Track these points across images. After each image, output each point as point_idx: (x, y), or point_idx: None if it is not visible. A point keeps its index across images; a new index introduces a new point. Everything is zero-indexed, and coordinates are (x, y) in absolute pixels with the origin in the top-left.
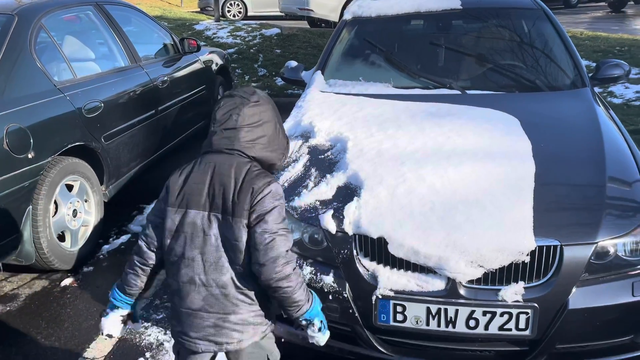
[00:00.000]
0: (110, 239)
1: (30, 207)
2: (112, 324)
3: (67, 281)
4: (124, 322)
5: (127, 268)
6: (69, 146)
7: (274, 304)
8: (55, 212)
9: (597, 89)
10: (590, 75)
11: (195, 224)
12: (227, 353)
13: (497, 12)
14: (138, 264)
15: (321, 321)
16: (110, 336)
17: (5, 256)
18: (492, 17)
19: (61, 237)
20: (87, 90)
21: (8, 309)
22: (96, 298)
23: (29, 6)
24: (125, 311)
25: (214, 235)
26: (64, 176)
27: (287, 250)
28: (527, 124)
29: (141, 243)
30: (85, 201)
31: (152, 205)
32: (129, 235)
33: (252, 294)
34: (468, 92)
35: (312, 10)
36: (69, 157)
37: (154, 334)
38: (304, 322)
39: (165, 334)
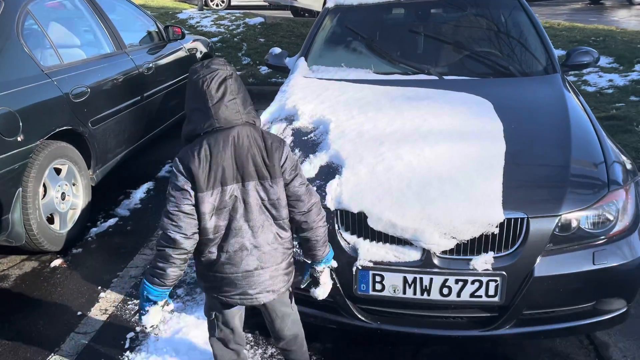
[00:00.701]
0: (98, 222)
1: (20, 189)
2: (155, 315)
3: (57, 262)
4: (163, 307)
5: (160, 263)
6: (57, 130)
7: None
8: (44, 195)
9: (572, 78)
10: (561, 62)
11: (235, 197)
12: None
13: (475, 1)
14: (176, 257)
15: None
16: (153, 327)
17: None
18: (470, 6)
19: (50, 220)
20: (73, 75)
21: (0, 287)
22: (85, 278)
23: None
24: (162, 301)
25: (254, 202)
26: (52, 160)
27: None
28: (499, 107)
29: (175, 236)
30: (73, 185)
31: (139, 190)
32: (116, 219)
33: (290, 241)
34: (445, 77)
35: (295, 0)
36: (57, 141)
37: None
38: (321, 267)
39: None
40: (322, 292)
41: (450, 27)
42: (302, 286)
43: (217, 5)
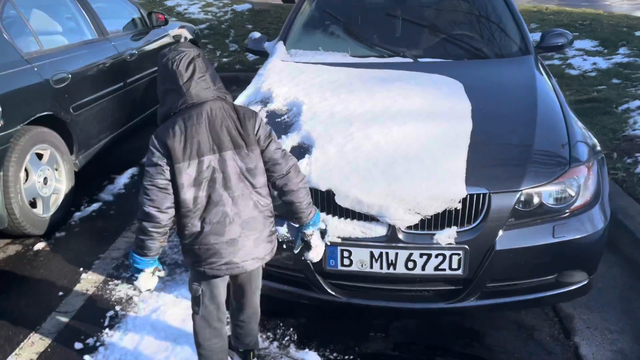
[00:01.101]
0: (82, 207)
1: (1, 173)
2: (146, 281)
3: (40, 245)
4: (153, 274)
5: (140, 236)
6: (38, 115)
7: None
8: (26, 180)
9: (557, 62)
10: (537, 45)
11: (213, 167)
12: (237, 275)
13: None
14: (153, 230)
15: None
16: (149, 290)
17: None
18: None
19: (33, 204)
20: (54, 61)
21: None
22: (68, 260)
23: None
24: (151, 268)
25: (232, 171)
26: (34, 145)
27: None
28: (470, 87)
29: (149, 210)
30: (56, 170)
31: (123, 176)
32: (100, 203)
33: (270, 210)
34: (420, 60)
35: None
36: (38, 127)
37: (123, 290)
38: (310, 230)
39: (134, 290)
40: (314, 255)
41: (427, 11)
42: (295, 251)
43: None
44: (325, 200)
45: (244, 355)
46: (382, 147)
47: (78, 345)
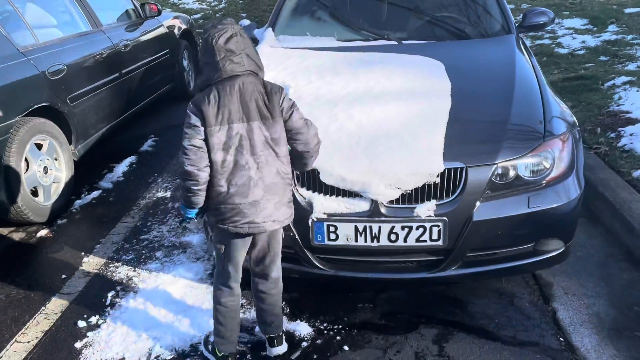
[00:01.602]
0: (82, 195)
1: (2, 163)
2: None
3: (43, 232)
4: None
5: (185, 193)
6: (35, 106)
7: None
8: (27, 169)
9: (547, 41)
10: (518, 24)
11: (241, 135)
12: (259, 235)
13: None
14: (194, 188)
15: None
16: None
17: None
18: None
19: (35, 193)
20: (50, 54)
21: None
22: (70, 245)
23: None
24: (196, 216)
25: (258, 139)
26: (33, 135)
27: None
28: (450, 67)
29: (189, 169)
30: (55, 159)
31: (122, 164)
32: (99, 191)
33: (290, 177)
34: (404, 42)
35: None
36: (36, 118)
37: (123, 271)
38: None
39: (134, 271)
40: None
41: None
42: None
43: None
44: (310, 179)
45: (270, 341)
46: (365, 127)
47: (81, 324)
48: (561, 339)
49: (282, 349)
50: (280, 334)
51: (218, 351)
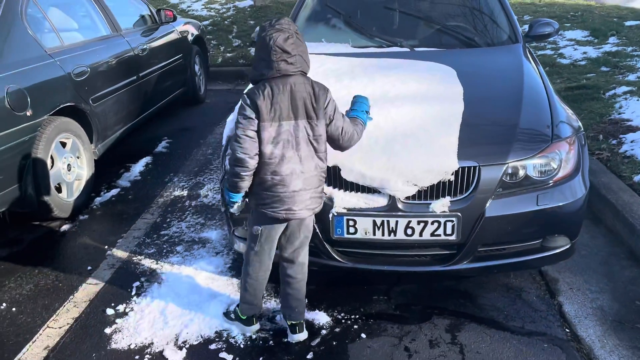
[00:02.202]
0: (102, 193)
1: (31, 160)
2: (239, 207)
3: (66, 227)
4: (242, 201)
5: (232, 178)
6: (61, 106)
7: None
8: (52, 166)
9: (550, 52)
10: (525, 34)
11: (289, 132)
12: (291, 221)
13: None
14: (243, 173)
15: None
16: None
17: (9, 204)
18: None
19: (58, 189)
20: (74, 56)
21: (15, 250)
22: (93, 239)
23: None
24: (240, 199)
25: (302, 136)
26: (58, 133)
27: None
28: (462, 73)
29: (241, 156)
30: (78, 157)
31: (138, 164)
32: (118, 189)
33: (325, 171)
34: (416, 49)
35: None
36: (61, 117)
37: (147, 264)
38: None
39: (157, 263)
40: None
41: (423, 4)
42: None
43: None
44: (332, 175)
45: (291, 328)
46: (382, 127)
47: (110, 311)
48: (567, 330)
49: (303, 336)
50: (302, 321)
51: (242, 314)
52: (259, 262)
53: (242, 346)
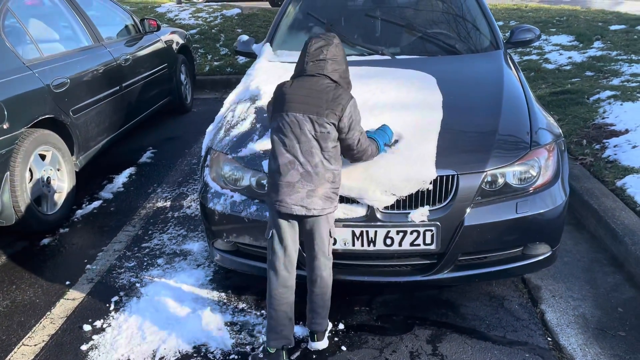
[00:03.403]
0: (84, 205)
1: (8, 173)
2: None
3: (46, 240)
4: None
5: None
6: (40, 118)
7: None
8: (31, 179)
9: (535, 57)
10: (506, 40)
11: (293, 122)
12: (307, 220)
13: None
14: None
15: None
16: None
17: None
18: None
19: (38, 202)
20: (53, 67)
21: None
22: (73, 253)
23: None
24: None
25: (307, 129)
26: (37, 146)
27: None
28: (442, 80)
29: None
30: (58, 170)
31: (121, 175)
32: (100, 201)
33: (335, 175)
34: (398, 57)
35: None
36: (40, 129)
37: (126, 278)
38: None
39: (137, 277)
40: None
41: (405, 11)
42: None
43: None
44: None
45: (311, 335)
46: None
47: (87, 327)
48: (549, 338)
49: (323, 344)
50: (324, 330)
51: (269, 347)
52: (276, 274)
53: None
